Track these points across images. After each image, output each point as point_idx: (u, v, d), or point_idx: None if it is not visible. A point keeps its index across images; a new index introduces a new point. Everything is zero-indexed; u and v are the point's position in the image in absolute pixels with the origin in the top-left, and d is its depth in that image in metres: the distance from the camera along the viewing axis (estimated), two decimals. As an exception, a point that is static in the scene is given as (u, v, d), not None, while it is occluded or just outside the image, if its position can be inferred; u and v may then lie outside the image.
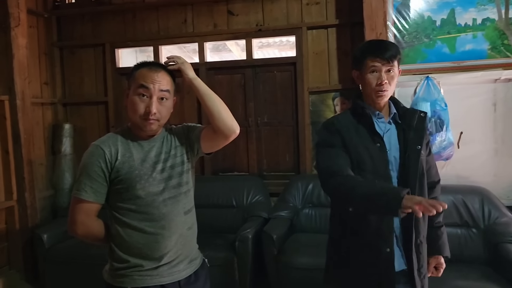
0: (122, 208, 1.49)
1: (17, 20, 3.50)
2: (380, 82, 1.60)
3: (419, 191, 1.64)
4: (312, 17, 3.76)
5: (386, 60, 1.59)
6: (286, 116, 3.89)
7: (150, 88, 1.47)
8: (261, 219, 3.36)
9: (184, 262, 1.56)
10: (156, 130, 1.53)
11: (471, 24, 3.22)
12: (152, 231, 1.48)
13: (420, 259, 1.66)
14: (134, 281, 1.49)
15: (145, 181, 1.48)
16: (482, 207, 2.94)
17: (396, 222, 1.63)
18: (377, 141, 1.63)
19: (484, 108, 3.28)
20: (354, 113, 1.72)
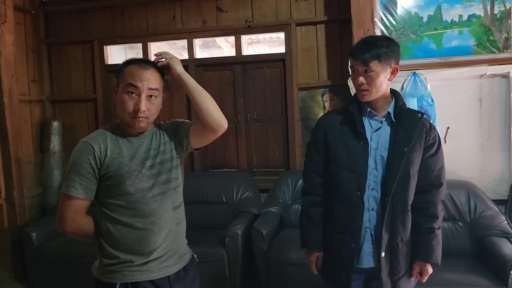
0: (112, 204, 1.49)
1: (3, 17, 3.46)
2: (356, 83, 1.65)
3: (399, 194, 1.65)
4: (301, 13, 3.77)
5: (362, 62, 1.61)
6: (275, 112, 3.91)
7: (139, 87, 1.47)
8: (251, 215, 3.37)
9: (174, 257, 1.57)
10: (145, 127, 1.54)
11: (457, 20, 3.26)
12: (141, 227, 1.49)
13: (394, 261, 1.68)
14: (124, 276, 1.49)
15: (134, 177, 1.48)
16: (468, 201, 2.98)
17: (373, 220, 1.67)
18: (361, 140, 1.67)
19: (470, 103, 3.32)
20: (343, 111, 1.77)
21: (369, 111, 1.70)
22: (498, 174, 3.30)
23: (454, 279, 2.56)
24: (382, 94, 1.67)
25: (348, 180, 1.67)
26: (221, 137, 4.11)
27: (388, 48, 1.63)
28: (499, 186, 3.29)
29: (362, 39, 1.73)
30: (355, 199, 1.66)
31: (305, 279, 2.87)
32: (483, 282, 2.51)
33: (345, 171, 1.68)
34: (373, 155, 1.67)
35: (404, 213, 1.67)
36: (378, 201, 1.67)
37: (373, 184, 1.67)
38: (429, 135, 1.69)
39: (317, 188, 1.80)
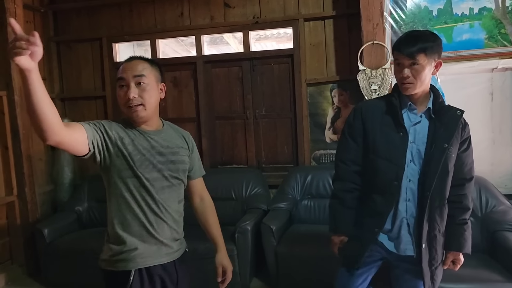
0: (127, 184, 1.54)
1: (13, 15, 3.49)
2: (401, 76, 1.67)
3: (438, 188, 1.70)
4: (309, 8, 3.75)
5: (408, 55, 1.64)
6: (284, 108, 3.90)
7: (125, 77, 1.55)
8: (260, 211, 3.38)
9: (177, 243, 1.66)
10: (145, 116, 1.57)
11: (468, 13, 3.22)
12: (152, 212, 1.56)
13: (432, 252, 1.74)
14: (136, 263, 1.54)
15: (146, 166, 1.55)
16: (479, 196, 2.95)
17: (410, 211, 1.73)
18: (400, 131, 1.71)
19: (481, 97, 3.29)
20: (383, 101, 1.81)
21: (410, 104, 1.73)
22: (510, 168, 3.27)
23: (466, 274, 2.53)
24: (424, 88, 1.71)
25: (386, 169, 1.71)
26: (230, 133, 4.12)
27: (434, 42, 1.66)
28: (510, 180, 3.26)
29: (407, 32, 1.76)
30: (392, 188, 1.70)
31: (314, 274, 2.87)
32: (495, 277, 2.49)
33: (384, 161, 1.72)
34: (410, 148, 1.71)
35: (442, 206, 1.73)
36: (415, 194, 1.71)
37: (410, 176, 1.71)
38: (464, 131, 1.75)
39: (352, 175, 1.83)
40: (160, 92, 1.64)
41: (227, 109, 4.02)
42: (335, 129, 3.73)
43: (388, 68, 3.26)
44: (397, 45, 1.69)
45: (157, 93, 1.60)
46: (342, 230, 1.85)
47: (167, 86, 4.34)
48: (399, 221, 1.73)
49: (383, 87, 3.27)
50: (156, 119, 1.65)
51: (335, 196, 1.87)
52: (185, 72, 4.07)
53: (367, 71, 3.31)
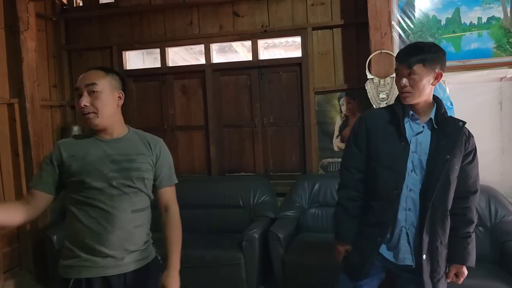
0: (74, 199, 1.57)
1: (26, 24, 3.55)
2: (400, 85, 1.71)
3: (440, 199, 1.69)
4: (317, 17, 3.77)
5: (406, 65, 1.67)
6: (292, 116, 3.91)
7: (79, 87, 1.59)
8: (267, 219, 3.38)
9: (131, 256, 1.60)
10: (99, 124, 1.59)
11: (476, 23, 3.23)
12: (97, 223, 1.55)
13: (434, 263, 1.73)
14: (79, 272, 1.55)
15: (95, 176, 1.55)
16: (489, 206, 2.94)
17: (409, 220, 1.72)
18: (402, 141, 1.72)
19: (490, 106, 3.28)
20: (387, 110, 1.83)
21: (412, 114, 1.75)
22: (519, 178, 3.24)
23: (474, 284, 2.50)
24: (425, 98, 1.72)
25: (387, 178, 1.72)
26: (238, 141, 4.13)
27: (435, 54, 1.69)
28: (520, 190, 3.23)
29: (409, 44, 1.81)
30: (391, 197, 1.71)
31: (321, 283, 2.86)
32: (504, 287, 2.47)
33: (385, 169, 1.73)
34: (412, 157, 1.72)
35: (444, 217, 1.73)
36: (416, 203, 1.72)
37: (411, 186, 1.71)
38: (468, 143, 1.75)
39: (356, 183, 1.84)
40: (118, 99, 1.64)
41: (235, 117, 4.04)
42: (343, 137, 3.73)
43: (396, 77, 3.26)
44: (398, 55, 1.74)
45: (112, 101, 1.61)
46: (347, 238, 1.86)
47: (176, 94, 4.40)
48: (398, 230, 1.73)
49: (391, 96, 3.27)
50: (116, 127, 1.64)
51: (339, 205, 1.89)
52: (194, 80, 4.10)
53: (375, 80, 3.31)
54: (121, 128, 1.67)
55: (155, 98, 4.18)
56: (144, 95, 4.22)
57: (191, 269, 3.13)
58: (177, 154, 4.15)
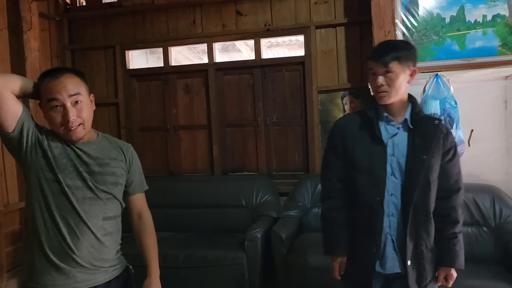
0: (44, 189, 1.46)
1: (29, 23, 3.56)
2: (376, 84, 1.65)
3: (421, 202, 1.65)
4: (321, 16, 3.75)
5: (382, 63, 1.62)
6: (295, 115, 3.90)
7: (59, 98, 1.44)
8: (270, 218, 3.37)
9: (101, 266, 1.53)
10: (84, 135, 1.52)
11: (481, 20, 3.19)
12: (65, 223, 1.46)
13: (420, 268, 1.68)
14: (45, 285, 1.45)
15: (69, 172, 1.47)
16: (493, 206, 2.90)
17: (393, 226, 1.67)
18: (379, 144, 1.67)
19: (495, 105, 3.24)
20: (361, 114, 1.77)
21: (386, 116, 1.69)
22: (525, 178, 3.21)
23: (478, 285, 2.50)
24: (401, 97, 1.67)
25: (367, 184, 1.67)
26: (241, 141, 4.13)
27: (408, 51, 1.65)
28: (526, 190, 3.20)
29: (381, 42, 1.75)
30: (374, 204, 1.66)
31: (324, 284, 2.84)
32: (509, 289, 2.45)
33: (364, 176, 1.68)
34: (390, 161, 1.66)
35: (427, 220, 1.68)
36: (398, 208, 1.66)
37: (391, 190, 1.66)
38: (446, 141, 1.69)
39: (338, 192, 1.79)
40: (92, 103, 1.55)
41: (238, 117, 4.03)
42: (346, 136, 3.70)
43: (399, 75, 3.23)
44: (371, 54, 1.68)
45: (91, 108, 1.53)
46: (339, 250, 1.79)
47: (178, 93, 4.41)
48: (383, 237, 1.67)
49: (395, 95, 3.24)
50: (89, 132, 1.56)
51: (325, 217, 1.83)
52: (196, 80, 4.10)
53: (379, 79, 3.29)
54: (91, 132, 1.59)
55: (158, 98, 4.18)
56: (147, 94, 4.22)
57: (193, 268, 3.13)
58: (180, 153, 4.15)
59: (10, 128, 1.42)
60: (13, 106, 1.42)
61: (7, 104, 1.40)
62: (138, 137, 4.22)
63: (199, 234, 3.57)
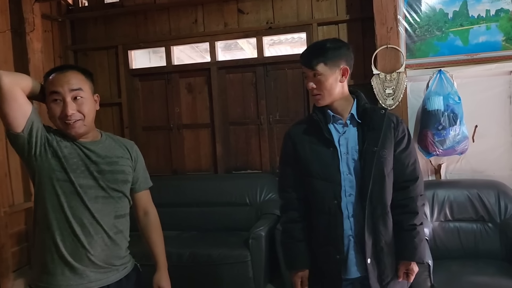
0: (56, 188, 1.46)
1: (32, 25, 3.57)
2: (308, 88, 1.66)
3: (377, 196, 1.61)
4: (323, 13, 3.74)
5: (308, 66, 1.63)
6: (298, 113, 3.88)
7: (60, 92, 1.45)
8: (274, 216, 3.35)
9: (113, 264, 1.55)
10: (84, 132, 1.51)
11: (484, 15, 3.17)
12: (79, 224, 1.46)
13: (380, 266, 1.64)
14: (58, 286, 1.46)
15: (81, 172, 1.48)
16: (498, 202, 2.88)
17: (354, 227, 1.63)
18: (330, 146, 1.64)
19: (499, 100, 3.22)
20: (308, 120, 1.76)
21: (333, 116, 1.67)
22: (530, 173, 3.19)
23: (483, 282, 2.48)
24: (339, 96, 1.66)
25: (323, 189, 1.64)
26: (244, 139, 4.13)
27: (335, 50, 1.63)
28: (531, 185, 3.18)
29: (309, 45, 1.74)
30: (332, 209, 1.62)
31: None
32: (514, 285, 2.43)
33: (319, 181, 1.64)
34: (345, 159, 1.64)
35: (384, 214, 1.64)
36: (356, 207, 1.63)
37: (349, 190, 1.63)
38: (397, 130, 1.67)
39: (294, 203, 1.74)
40: (95, 103, 1.57)
41: (241, 115, 4.03)
42: (350, 134, 3.69)
43: (402, 72, 3.23)
44: (301, 57, 1.67)
45: (93, 106, 1.54)
46: (300, 264, 1.72)
47: (181, 92, 4.41)
48: (346, 241, 1.62)
49: (398, 92, 3.23)
50: (92, 131, 1.57)
51: (283, 231, 1.79)
52: (199, 78, 4.10)
53: (381, 75, 3.28)
54: (95, 132, 1.60)
55: (160, 97, 4.19)
56: (150, 94, 4.22)
57: (198, 267, 3.14)
58: (183, 152, 4.16)
59: (20, 128, 1.41)
60: (23, 105, 1.41)
61: (17, 102, 1.40)
62: (141, 136, 4.22)
63: (204, 232, 3.58)
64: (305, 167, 1.68)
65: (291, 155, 1.73)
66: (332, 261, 1.63)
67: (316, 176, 1.65)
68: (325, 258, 1.66)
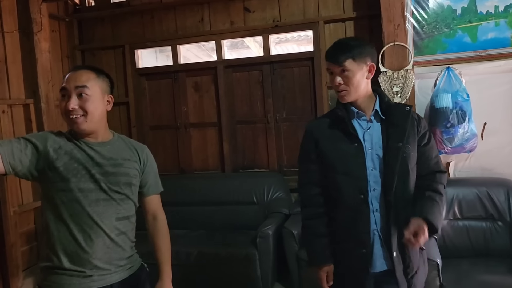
0: (55, 199, 1.48)
1: (39, 25, 3.59)
2: (334, 84, 1.66)
3: (401, 190, 1.62)
4: (329, 10, 3.72)
5: (337, 62, 1.63)
6: (304, 111, 3.88)
7: (67, 88, 1.50)
8: (281, 215, 3.37)
9: (116, 265, 1.55)
10: (86, 128, 1.52)
11: (493, 11, 3.14)
12: (80, 228, 1.48)
13: (405, 259, 1.64)
14: (61, 285, 1.47)
15: (82, 176, 1.49)
16: (508, 200, 2.85)
17: (379, 221, 1.64)
18: (354, 142, 1.65)
19: (508, 97, 3.18)
20: (331, 116, 1.76)
21: (357, 112, 1.68)
22: (540, 171, 3.15)
23: (493, 281, 2.47)
24: (363, 93, 1.67)
25: (348, 185, 1.64)
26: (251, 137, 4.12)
27: (362, 47, 1.65)
28: (541, 183, 3.14)
29: (335, 41, 1.74)
30: (358, 204, 1.63)
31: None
32: (525, 284, 2.41)
33: (344, 176, 1.65)
34: (370, 155, 1.65)
35: (408, 208, 1.65)
36: (381, 201, 1.64)
37: (374, 185, 1.64)
38: (419, 126, 1.69)
39: (315, 199, 1.75)
40: (107, 104, 1.58)
41: (248, 113, 4.03)
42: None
43: (410, 69, 3.20)
44: (326, 54, 1.68)
45: (102, 105, 1.55)
46: (323, 259, 1.73)
47: (188, 91, 4.41)
48: (371, 235, 1.64)
49: (406, 89, 3.21)
50: (102, 132, 1.58)
51: (304, 227, 1.80)
52: (206, 77, 4.10)
53: (389, 73, 3.26)
54: (107, 133, 1.62)
55: (167, 96, 4.20)
56: (157, 93, 4.24)
57: (206, 265, 3.15)
58: (191, 151, 4.17)
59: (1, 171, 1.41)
60: None
61: None
62: (149, 135, 4.24)
63: (211, 231, 3.58)
64: (328, 163, 1.69)
65: (312, 150, 1.74)
66: (356, 255, 1.65)
67: (340, 172, 1.66)
68: (350, 253, 1.67)
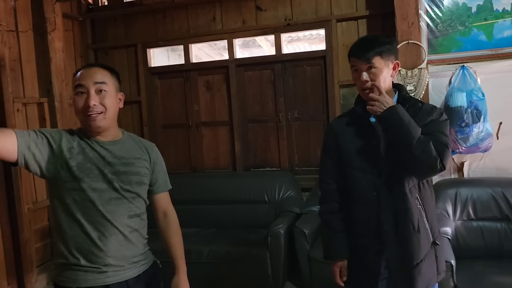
0: (67, 198, 1.48)
1: (53, 24, 3.63)
2: (360, 80, 1.63)
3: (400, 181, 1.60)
4: (342, 9, 3.70)
5: (365, 59, 1.60)
6: (316, 110, 3.86)
7: (85, 84, 1.50)
8: (293, 214, 3.35)
9: (130, 262, 1.56)
10: (103, 126, 1.52)
11: (509, 9, 3.08)
12: (93, 227, 1.49)
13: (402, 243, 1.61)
14: (77, 280, 1.48)
15: (94, 176, 1.49)
16: (517, 200, 2.82)
17: None
18: (371, 139, 1.65)
19: (524, 96, 3.14)
20: (350, 113, 1.77)
21: None
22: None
23: (508, 282, 2.43)
24: (387, 90, 1.65)
25: (364, 181, 1.66)
26: (262, 136, 4.11)
27: (390, 45, 1.64)
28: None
29: (360, 38, 1.73)
30: (372, 200, 1.64)
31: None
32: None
33: (360, 172, 1.67)
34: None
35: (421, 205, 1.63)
36: None
37: None
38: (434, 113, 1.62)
39: (334, 194, 1.78)
40: (119, 101, 1.60)
41: (260, 112, 4.02)
42: (370, 131, 3.65)
43: (424, 68, 3.17)
44: (352, 50, 1.65)
45: (116, 103, 1.57)
46: (338, 254, 1.77)
47: (200, 90, 4.42)
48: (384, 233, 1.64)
49: (419, 88, 3.17)
50: (113, 130, 1.59)
51: (322, 221, 1.83)
52: (217, 76, 4.11)
53: (402, 72, 3.22)
54: (117, 131, 1.63)
55: (179, 95, 4.21)
56: (168, 91, 4.25)
57: (217, 264, 3.15)
58: (202, 150, 4.18)
59: (12, 160, 1.42)
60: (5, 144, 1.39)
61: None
62: (160, 134, 4.26)
63: (222, 230, 3.59)
64: (346, 159, 1.71)
65: (333, 147, 1.76)
66: (372, 252, 1.66)
67: (356, 168, 1.68)
68: (364, 249, 1.69)
